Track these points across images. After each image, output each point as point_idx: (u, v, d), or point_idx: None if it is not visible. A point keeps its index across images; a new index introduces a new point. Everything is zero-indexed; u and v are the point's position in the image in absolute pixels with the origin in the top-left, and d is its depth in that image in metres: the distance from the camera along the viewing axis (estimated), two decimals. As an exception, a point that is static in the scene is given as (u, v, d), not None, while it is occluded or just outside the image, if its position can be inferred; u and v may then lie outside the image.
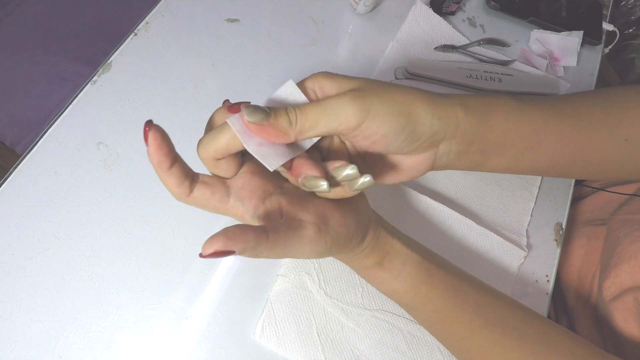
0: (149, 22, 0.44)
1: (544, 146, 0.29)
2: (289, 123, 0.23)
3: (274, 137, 0.23)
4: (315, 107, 0.24)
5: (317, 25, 0.48)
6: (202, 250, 0.21)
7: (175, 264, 0.34)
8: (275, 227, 0.23)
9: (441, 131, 0.25)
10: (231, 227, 0.21)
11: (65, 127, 0.38)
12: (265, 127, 0.23)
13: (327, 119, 0.23)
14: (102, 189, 0.36)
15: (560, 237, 0.42)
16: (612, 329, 0.38)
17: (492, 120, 0.27)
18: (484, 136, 0.27)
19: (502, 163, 0.29)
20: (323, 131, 0.24)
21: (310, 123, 0.23)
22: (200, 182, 0.25)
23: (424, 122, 0.25)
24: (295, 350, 0.33)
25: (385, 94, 0.24)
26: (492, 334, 0.29)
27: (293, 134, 0.23)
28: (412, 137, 0.25)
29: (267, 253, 0.22)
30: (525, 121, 0.28)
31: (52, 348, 0.30)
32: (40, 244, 0.33)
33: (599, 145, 0.30)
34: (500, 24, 0.53)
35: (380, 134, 0.24)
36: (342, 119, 0.23)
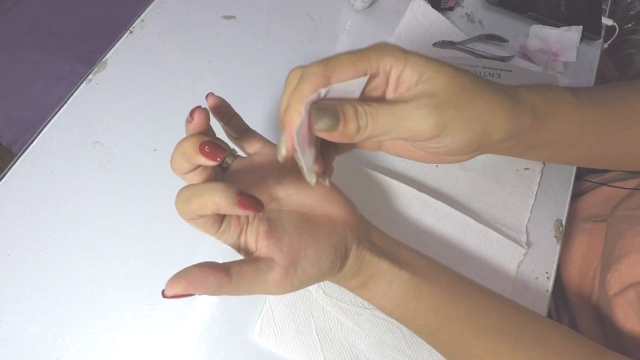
0: (144, 19, 0.43)
1: (585, 142, 0.28)
2: (357, 129, 0.21)
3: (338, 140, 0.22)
4: (388, 114, 0.21)
5: (315, 22, 0.48)
6: (165, 291, 0.21)
7: (173, 263, 0.34)
8: (241, 268, 0.23)
9: (505, 139, 0.24)
10: (194, 270, 0.21)
11: (61, 126, 0.37)
12: (332, 134, 0.21)
13: (399, 129, 0.21)
14: (99, 188, 0.36)
15: (560, 234, 0.42)
16: (613, 325, 0.38)
17: (551, 123, 0.26)
18: (539, 138, 0.26)
19: (540, 156, 0.29)
20: (393, 139, 0.22)
21: (381, 130, 0.22)
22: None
23: (495, 136, 0.23)
24: (294, 349, 0.33)
25: (468, 107, 0.22)
26: (485, 342, 0.28)
27: (359, 139, 0.22)
28: (479, 148, 0.24)
29: (229, 293, 0.22)
30: (578, 121, 0.27)
31: (49, 349, 0.30)
32: (36, 244, 0.33)
33: (632, 140, 0.30)
34: (498, 20, 0.53)
35: (449, 147, 0.23)
36: (415, 132, 0.21)
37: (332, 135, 0.21)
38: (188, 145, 0.22)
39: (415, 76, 0.22)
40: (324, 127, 0.21)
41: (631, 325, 0.36)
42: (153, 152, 0.38)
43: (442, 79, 0.22)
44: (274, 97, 0.43)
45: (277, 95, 0.43)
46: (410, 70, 0.22)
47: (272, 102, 0.42)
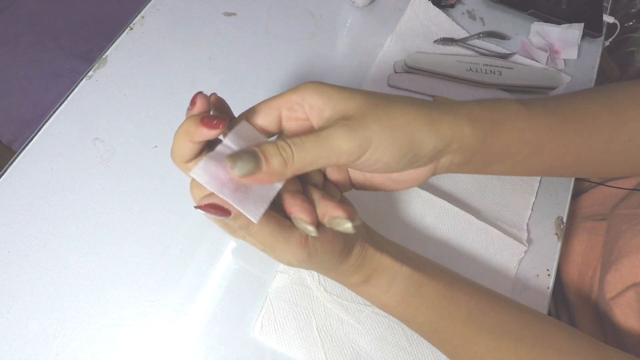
0: (144, 16, 0.43)
1: (546, 152, 0.28)
2: (284, 163, 0.21)
3: (268, 180, 0.21)
4: (313, 141, 0.21)
5: (315, 19, 0.47)
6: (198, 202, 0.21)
7: (173, 260, 0.34)
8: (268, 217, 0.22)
9: (444, 149, 0.24)
10: None
11: (61, 123, 0.37)
12: (256, 176, 0.20)
13: (327, 153, 0.22)
14: (99, 185, 0.35)
15: (561, 232, 0.42)
16: (613, 325, 0.38)
17: (498, 132, 0.26)
18: (489, 148, 0.26)
19: (503, 169, 0.28)
20: (323, 165, 0.22)
21: (309, 160, 0.21)
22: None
23: (426, 145, 0.23)
24: (295, 346, 0.33)
25: (386, 119, 0.22)
26: (486, 340, 0.28)
27: (290, 172, 0.21)
28: (413, 159, 0.24)
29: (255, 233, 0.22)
30: (530, 129, 0.27)
31: (49, 346, 0.30)
32: (37, 241, 0.33)
33: (601, 147, 0.29)
34: (500, 17, 0.53)
35: (382, 162, 0.23)
36: (343, 153, 0.22)
37: (259, 178, 0.21)
38: (188, 123, 0.21)
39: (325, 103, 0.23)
40: (243, 172, 0.20)
41: (630, 325, 0.36)
42: (153, 149, 0.38)
43: (355, 102, 0.23)
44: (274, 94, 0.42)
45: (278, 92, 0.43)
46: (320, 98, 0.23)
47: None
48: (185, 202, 0.36)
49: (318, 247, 0.24)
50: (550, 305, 0.39)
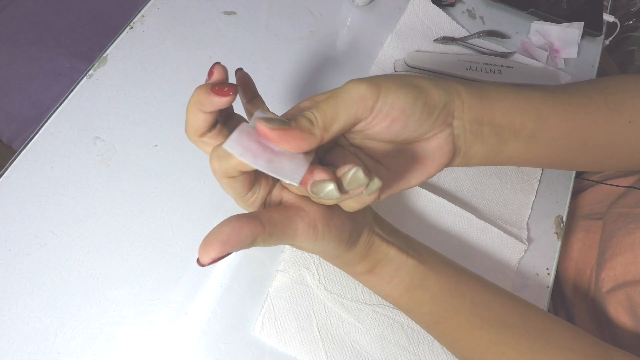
0: (144, 15, 0.43)
1: (551, 127, 0.28)
2: (310, 122, 0.21)
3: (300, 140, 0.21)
4: (328, 99, 0.22)
5: (315, 18, 0.47)
6: (200, 259, 0.20)
7: (174, 259, 0.34)
8: (270, 216, 0.22)
9: (450, 102, 0.25)
10: (224, 228, 0.20)
11: (62, 122, 0.37)
12: (289, 132, 0.20)
13: (345, 105, 0.22)
14: (100, 184, 0.35)
15: (561, 230, 0.42)
16: (609, 322, 0.38)
17: (491, 98, 0.27)
18: (490, 113, 0.26)
19: (520, 148, 0.28)
20: (345, 120, 0.22)
21: (330, 115, 0.22)
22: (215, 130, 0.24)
23: (433, 92, 0.25)
24: (295, 346, 0.33)
25: (388, 75, 0.24)
26: (489, 334, 0.28)
27: (319, 132, 0.22)
28: (428, 108, 0.24)
29: (262, 244, 0.21)
30: (523, 99, 0.27)
31: (50, 344, 0.30)
32: (37, 240, 0.33)
33: (604, 126, 0.29)
34: (500, 16, 0.53)
35: (397, 107, 0.23)
36: (358, 99, 0.22)
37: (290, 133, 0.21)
38: (199, 92, 0.21)
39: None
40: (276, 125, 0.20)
41: (623, 322, 0.37)
42: (154, 148, 0.38)
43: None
44: (274, 94, 0.43)
45: (278, 91, 0.43)
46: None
47: (273, 98, 0.42)
48: (186, 200, 0.36)
49: (326, 234, 0.24)
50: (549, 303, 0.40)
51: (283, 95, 0.43)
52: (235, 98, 0.21)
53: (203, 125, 0.22)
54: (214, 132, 0.23)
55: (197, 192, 0.37)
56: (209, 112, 0.22)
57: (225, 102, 0.21)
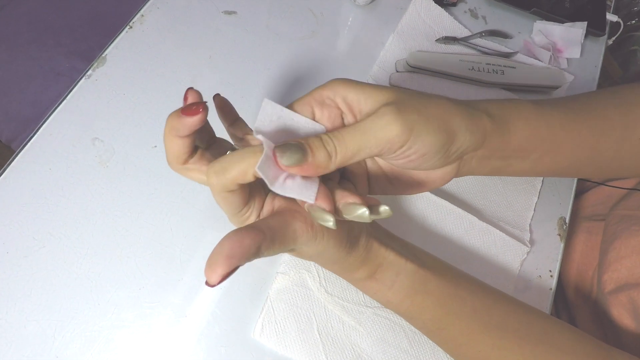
0: (144, 14, 0.43)
1: (562, 150, 0.28)
2: (328, 157, 0.21)
3: (313, 174, 0.21)
4: (354, 134, 0.22)
5: (317, 17, 0.47)
6: (208, 280, 0.19)
7: (173, 261, 0.34)
8: (268, 223, 0.22)
9: (472, 145, 0.25)
10: (226, 243, 0.20)
11: (60, 123, 0.37)
12: (304, 168, 0.21)
13: (370, 144, 0.22)
14: (98, 185, 0.35)
15: (564, 232, 0.42)
16: (611, 323, 0.38)
17: (514, 127, 0.26)
18: (507, 143, 0.26)
19: (523, 168, 0.28)
20: (365, 157, 0.22)
21: (352, 151, 0.22)
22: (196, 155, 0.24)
23: (460, 139, 0.24)
24: (295, 349, 0.32)
25: (424, 109, 0.23)
26: (491, 339, 0.28)
27: (334, 166, 0.22)
28: (449, 153, 0.24)
29: (267, 252, 0.21)
30: (544, 126, 0.27)
31: (48, 348, 0.30)
32: (36, 241, 0.33)
33: (614, 145, 0.30)
34: (502, 15, 0.52)
35: (421, 152, 0.23)
36: (385, 142, 0.22)
37: (306, 169, 0.21)
38: (171, 118, 0.21)
39: (359, 94, 0.23)
40: (291, 162, 0.20)
41: (626, 325, 0.36)
42: (153, 149, 0.37)
43: (389, 92, 0.23)
44: (275, 93, 0.42)
45: (278, 91, 0.43)
46: (354, 90, 0.23)
47: (274, 98, 0.42)
48: (185, 202, 0.36)
49: (325, 233, 0.24)
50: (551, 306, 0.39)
51: (283, 95, 0.42)
52: (206, 115, 0.21)
53: (183, 151, 0.23)
54: (196, 157, 0.24)
55: (197, 193, 0.36)
56: (185, 136, 0.22)
57: (197, 120, 0.21)
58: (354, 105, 0.24)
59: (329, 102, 0.24)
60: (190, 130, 0.21)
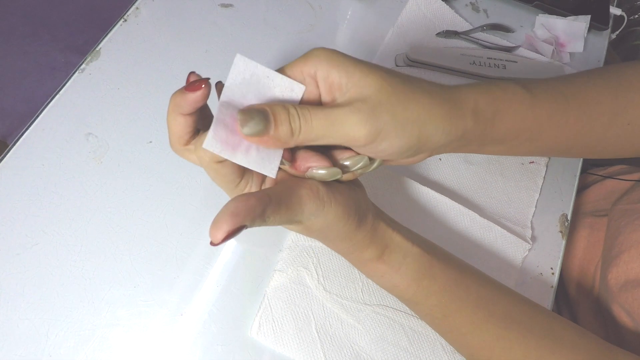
0: (139, 7, 0.42)
1: (544, 137, 0.28)
2: (290, 134, 0.21)
3: (273, 146, 0.21)
4: (323, 119, 0.21)
5: (315, 11, 0.46)
6: (211, 238, 0.19)
7: (169, 259, 0.33)
8: (273, 189, 0.22)
9: (446, 144, 0.24)
10: (231, 203, 0.20)
11: (53, 118, 0.36)
12: (264, 140, 0.20)
13: (335, 136, 0.21)
14: (92, 181, 0.35)
15: (566, 229, 0.41)
16: (613, 321, 0.38)
17: (499, 122, 0.26)
18: (487, 135, 0.26)
19: (497, 151, 0.28)
20: (327, 144, 0.22)
21: (315, 135, 0.21)
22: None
23: (432, 140, 0.23)
24: (293, 347, 0.32)
25: (400, 112, 0.22)
26: (496, 328, 0.28)
27: (294, 144, 0.21)
28: (417, 152, 0.24)
29: (274, 217, 0.21)
30: (531, 117, 0.27)
31: (41, 347, 0.30)
32: (28, 239, 0.32)
33: (601, 131, 0.29)
34: (504, 9, 0.52)
35: (388, 153, 0.23)
36: (350, 138, 0.21)
37: (265, 140, 0.21)
38: (175, 96, 0.21)
39: (342, 77, 0.22)
40: (252, 132, 0.20)
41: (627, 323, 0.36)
42: (148, 145, 0.37)
43: (374, 82, 0.22)
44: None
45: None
46: (337, 71, 0.22)
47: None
48: (181, 199, 0.35)
49: (332, 199, 0.23)
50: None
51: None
52: (209, 92, 0.21)
53: (185, 131, 0.23)
54: (197, 139, 0.23)
55: (193, 190, 0.36)
56: (189, 114, 0.22)
57: (200, 95, 0.21)
58: (335, 88, 0.22)
59: (308, 80, 0.23)
60: (194, 106, 0.21)
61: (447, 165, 0.41)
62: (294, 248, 0.35)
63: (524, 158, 0.43)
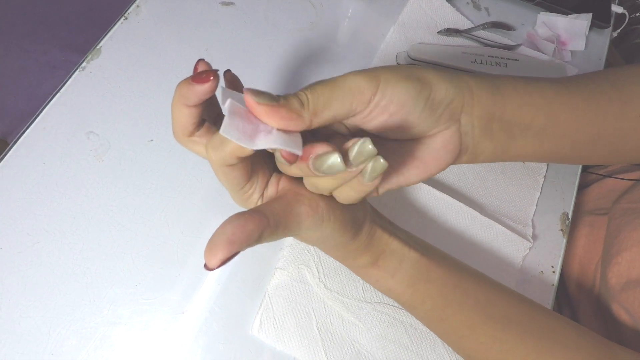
0: (139, 5, 0.42)
1: (562, 122, 0.27)
2: (300, 103, 0.21)
3: (287, 120, 0.20)
4: (324, 84, 0.22)
5: (316, 9, 0.46)
6: (207, 262, 0.19)
7: (170, 257, 0.33)
8: (271, 207, 0.22)
9: (458, 97, 0.24)
10: (228, 227, 0.19)
11: (54, 116, 0.36)
12: (276, 109, 0.20)
13: (340, 94, 0.21)
14: (94, 180, 0.35)
15: (567, 227, 0.41)
16: (614, 319, 0.37)
17: (503, 92, 0.25)
18: (501, 108, 0.25)
19: (529, 144, 0.27)
20: (338, 109, 0.22)
21: (323, 101, 0.21)
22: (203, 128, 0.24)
23: (438, 87, 0.23)
24: (294, 345, 0.32)
25: (391, 66, 0.23)
26: (493, 330, 0.28)
27: (307, 115, 0.21)
28: (431, 104, 0.23)
29: (270, 238, 0.21)
30: (537, 94, 0.27)
31: (43, 345, 0.30)
32: (30, 237, 0.32)
33: (614, 121, 0.29)
34: (505, 7, 0.51)
35: (397, 101, 0.22)
36: (355, 91, 0.21)
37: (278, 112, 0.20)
38: (181, 86, 0.21)
39: None
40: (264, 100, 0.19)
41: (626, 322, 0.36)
42: (150, 143, 0.37)
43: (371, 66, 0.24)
44: (273, 86, 0.41)
45: (276, 85, 0.42)
46: None
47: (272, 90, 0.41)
48: (183, 197, 0.35)
49: (331, 215, 0.23)
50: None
51: (282, 88, 0.42)
52: (217, 84, 0.20)
53: (190, 122, 0.22)
54: (203, 130, 0.23)
55: (194, 188, 0.36)
56: (194, 106, 0.21)
57: (208, 88, 0.20)
58: None
59: None
60: (200, 98, 0.21)
61: (448, 163, 0.41)
62: (295, 246, 0.35)
63: (525, 156, 0.43)
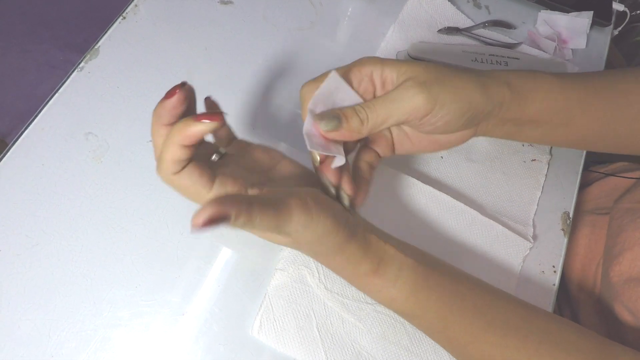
0: (137, 4, 0.42)
1: (576, 123, 0.30)
2: (360, 123, 0.25)
3: (348, 138, 0.26)
4: (384, 103, 0.25)
5: (315, 7, 0.46)
6: (192, 222, 0.19)
7: (170, 258, 0.33)
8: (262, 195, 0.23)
9: (492, 111, 0.28)
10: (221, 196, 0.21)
11: (52, 117, 0.36)
12: (340, 133, 0.25)
13: (398, 113, 0.25)
14: (92, 181, 0.34)
15: (568, 227, 0.41)
16: (615, 319, 0.37)
17: (532, 98, 0.29)
18: (523, 112, 0.29)
19: (534, 135, 0.31)
20: (393, 124, 0.26)
21: (382, 119, 0.25)
22: (190, 164, 0.24)
23: (481, 106, 0.27)
24: (294, 346, 0.32)
25: (448, 82, 0.26)
26: (494, 337, 0.28)
27: (366, 131, 0.25)
28: (469, 120, 0.27)
29: (261, 218, 0.21)
30: (562, 100, 0.29)
31: (43, 347, 0.29)
32: (29, 239, 0.32)
33: (629, 122, 0.31)
34: (506, 5, 0.51)
35: (444, 120, 0.26)
36: (412, 111, 0.25)
37: (342, 133, 0.25)
38: (185, 122, 0.22)
39: (393, 72, 0.27)
40: (328, 127, 0.25)
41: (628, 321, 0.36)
42: (148, 144, 0.37)
43: (418, 66, 0.27)
44: (272, 87, 0.41)
45: (276, 84, 0.42)
46: (389, 68, 0.27)
47: (271, 90, 0.41)
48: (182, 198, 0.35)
49: (320, 213, 0.24)
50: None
51: (281, 88, 0.41)
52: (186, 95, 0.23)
53: (183, 159, 0.23)
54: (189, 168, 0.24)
55: (194, 189, 0.36)
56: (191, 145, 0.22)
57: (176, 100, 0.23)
58: (388, 81, 0.27)
59: (366, 80, 0.27)
60: (172, 113, 0.23)
61: (448, 163, 0.41)
62: (295, 247, 0.35)
63: (525, 156, 0.43)
